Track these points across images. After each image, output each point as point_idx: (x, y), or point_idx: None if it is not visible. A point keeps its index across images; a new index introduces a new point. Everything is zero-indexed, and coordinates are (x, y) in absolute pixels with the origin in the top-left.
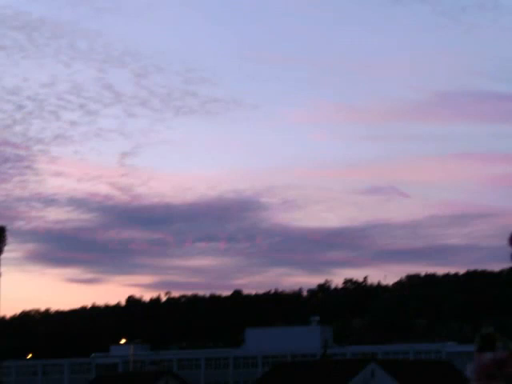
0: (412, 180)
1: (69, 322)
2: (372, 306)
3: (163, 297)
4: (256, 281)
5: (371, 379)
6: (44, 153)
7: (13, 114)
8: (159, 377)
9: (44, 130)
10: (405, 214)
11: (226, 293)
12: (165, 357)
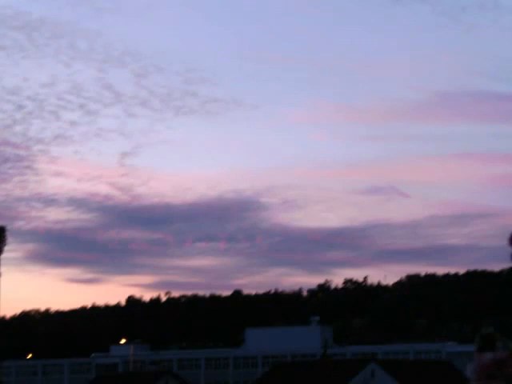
0: (412, 180)
1: (69, 322)
2: (372, 306)
3: (163, 297)
4: (256, 281)
5: (371, 379)
6: (44, 153)
7: (13, 114)
8: (159, 377)
9: (44, 130)
10: (405, 214)
11: (226, 293)
12: (165, 357)
